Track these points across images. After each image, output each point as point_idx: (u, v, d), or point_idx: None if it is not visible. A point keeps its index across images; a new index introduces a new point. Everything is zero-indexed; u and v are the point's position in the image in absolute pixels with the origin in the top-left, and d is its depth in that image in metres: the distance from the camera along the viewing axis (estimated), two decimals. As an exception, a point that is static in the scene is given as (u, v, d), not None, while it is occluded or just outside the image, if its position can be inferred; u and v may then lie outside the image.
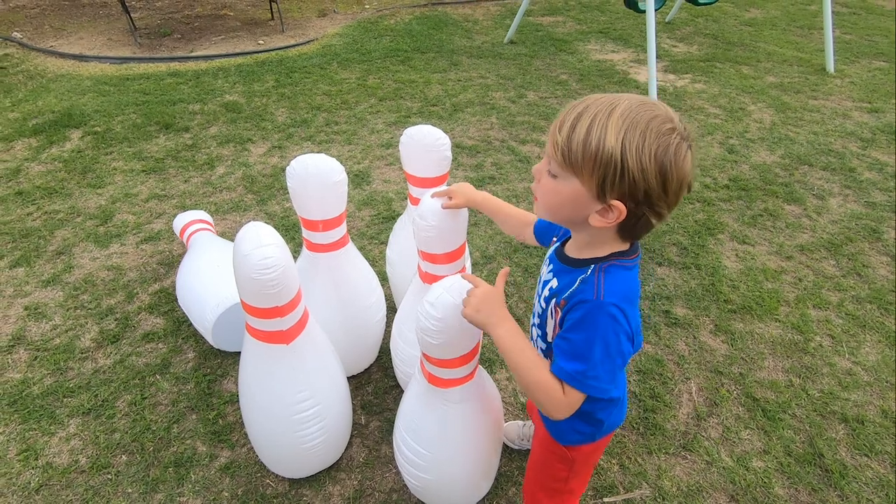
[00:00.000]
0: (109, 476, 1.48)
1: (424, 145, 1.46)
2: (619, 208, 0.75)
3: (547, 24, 5.40)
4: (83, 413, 1.64)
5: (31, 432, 1.59)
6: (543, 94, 3.85)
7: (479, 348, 1.09)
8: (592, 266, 0.84)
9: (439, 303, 0.94)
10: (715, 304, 2.09)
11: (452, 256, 1.25)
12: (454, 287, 0.95)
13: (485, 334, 0.95)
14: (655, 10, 3.65)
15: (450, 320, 0.94)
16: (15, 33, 4.77)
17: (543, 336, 0.96)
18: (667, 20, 5.46)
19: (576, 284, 0.85)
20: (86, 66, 4.22)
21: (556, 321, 0.89)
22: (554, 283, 0.91)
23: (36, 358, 1.82)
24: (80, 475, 1.48)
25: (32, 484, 1.45)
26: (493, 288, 0.92)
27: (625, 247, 0.85)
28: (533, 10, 5.71)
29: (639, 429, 1.64)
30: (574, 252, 0.90)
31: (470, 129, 3.34)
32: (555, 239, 1.01)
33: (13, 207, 2.57)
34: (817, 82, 4.06)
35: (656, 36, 3.66)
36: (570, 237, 0.93)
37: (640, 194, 0.74)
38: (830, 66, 4.25)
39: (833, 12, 4.19)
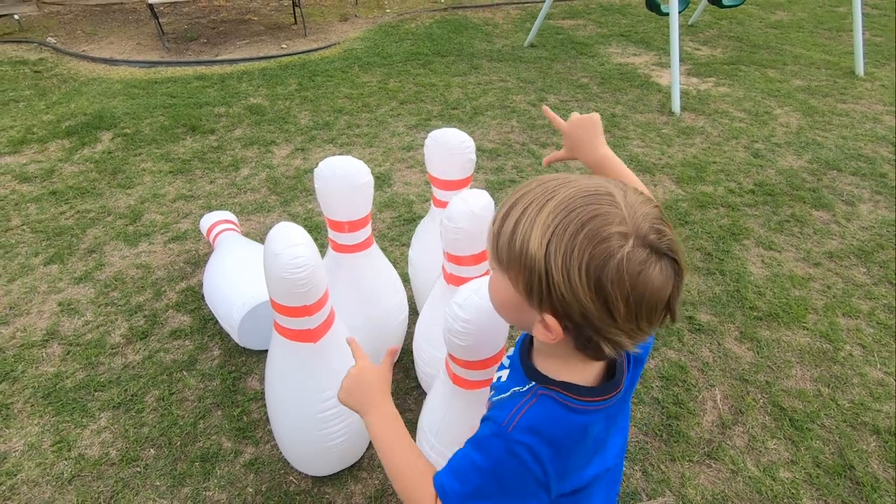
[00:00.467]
0: (138, 469, 1.51)
1: (449, 148, 1.47)
2: (554, 327, 0.59)
3: (567, 27, 5.39)
4: (113, 407, 1.69)
5: (64, 424, 1.63)
6: (564, 97, 3.84)
7: (506, 350, 1.09)
8: (533, 384, 0.68)
9: (468, 304, 0.94)
10: (740, 310, 2.06)
11: (478, 258, 1.26)
12: (483, 289, 0.95)
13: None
14: (679, 13, 3.62)
15: (478, 322, 0.95)
16: (49, 38, 4.94)
17: None
18: (689, 23, 5.39)
19: (507, 393, 0.70)
20: (116, 69, 4.35)
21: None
22: (504, 374, 0.77)
23: (69, 352, 1.87)
24: (111, 467, 1.52)
25: (66, 475, 1.50)
26: (373, 369, 0.81)
27: (591, 371, 0.67)
28: (553, 13, 5.69)
29: (662, 435, 1.62)
30: (536, 354, 0.72)
31: (490, 132, 3.34)
32: None
33: (47, 206, 2.66)
34: (846, 86, 3.97)
35: (679, 39, 3.62)
36: None
37: (576, 315, 0.57)
38: (860, 69, 4.15)
39: (863, 14, 4.09)
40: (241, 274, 1.84)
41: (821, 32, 5.18)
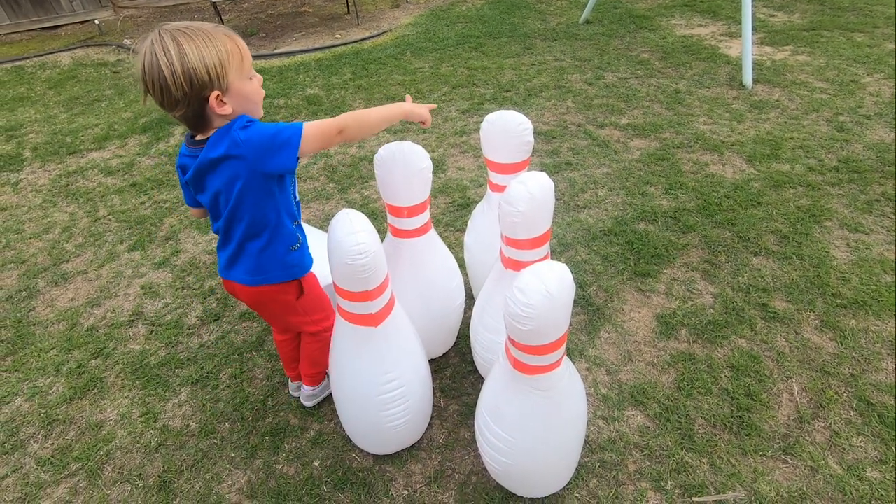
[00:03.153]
0: (215, 441, 1.63)
1: (506, 131, 1.45)
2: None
3: (626, 0, 5.12)
4: (192, 383, 1.82)
5: (150, 398, 1.78)
6: (623, 74, 3.67)
7: (567, 336, 1.07)
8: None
9: (529, 289, 0.93)
10: (821, 297, 1.91)
11: (537, 242, 1.23)
12: (544, 273, 0.94)
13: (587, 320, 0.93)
14: (752, -23, 3.34)
15: (540, 306, 0.93)
16: (126, 40, 5.29)
17: None
18: (763, -13, 4.97)
19: None
20: (184, 67, 4.59)
21: None
22: None
23: (152, 332, 2.03)
24: (191, 438, 1.64)
25: (153, 443, 1.64)
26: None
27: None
28: (611, -14, 5.43)
29: (732, 427, 1.54)
30: None
31: (545, 114, 3.26)
32: None
33: (129, 197, 2.87)
34: (951, 47, 3.54)
35: (752, 5, 3.35)
36: None
37: None
38: (968, 28, 3.68)
39: (974, -36, 3.61)
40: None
41: (920, -12, 4.63)
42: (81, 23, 5.89)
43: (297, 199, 1.29)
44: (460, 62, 4.08)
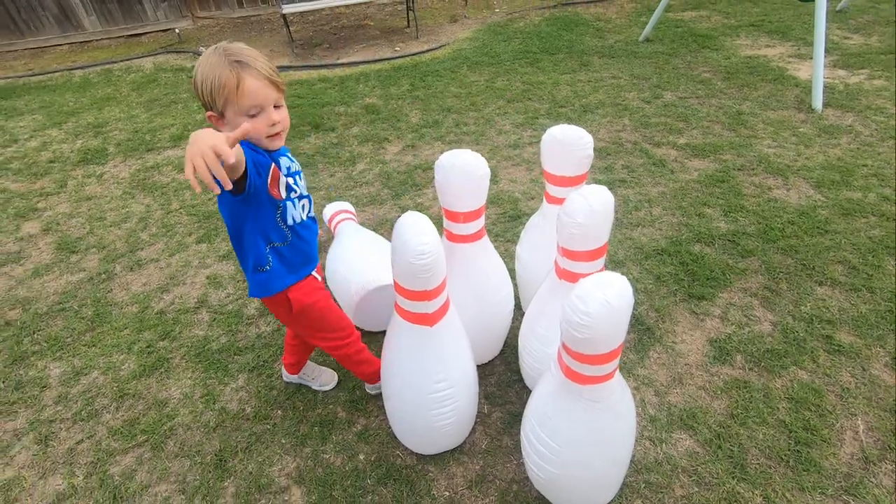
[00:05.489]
0: (268, 426, 1.71)
1: (566, 144, 1.47)
2: None
3: (689, 19, 5.04)
4: (249, 370, 1.92)
5: (210, 380, 1.89)
6: (683, 94, 3.60)
7: (622, 348, 1.07)
8: None
9: (589, 297, 0.95)
10: (892, 333, 1.80)
11: (593, 255, 1.25)
12: (605, 283, 0.95)
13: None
14: (827, -2, 3.23)
15: (597, 315, 0.95)
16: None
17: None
18: (837, 9, 4.78)
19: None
20: (253, 74, 4.87)
21: None
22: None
23: (214, 319, 2.16)
24: (247, 422, 1.73)
25: (211, 423, 1.74)
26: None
27: None
28: (673, 4, 5.35)
29: (788, 461, 1.48)
30: None
31: (600, 131, 3.25)
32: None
33: (198, 193, 3.07)
34: None
35: (826, 26, 3.23)
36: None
37: None
38: None
39: None
40: (360, 260, 1.98)
41: None
42: (163, 31, 6.36)
43: (299, 221, 1.30)
44: (516, 77, 4.13)
